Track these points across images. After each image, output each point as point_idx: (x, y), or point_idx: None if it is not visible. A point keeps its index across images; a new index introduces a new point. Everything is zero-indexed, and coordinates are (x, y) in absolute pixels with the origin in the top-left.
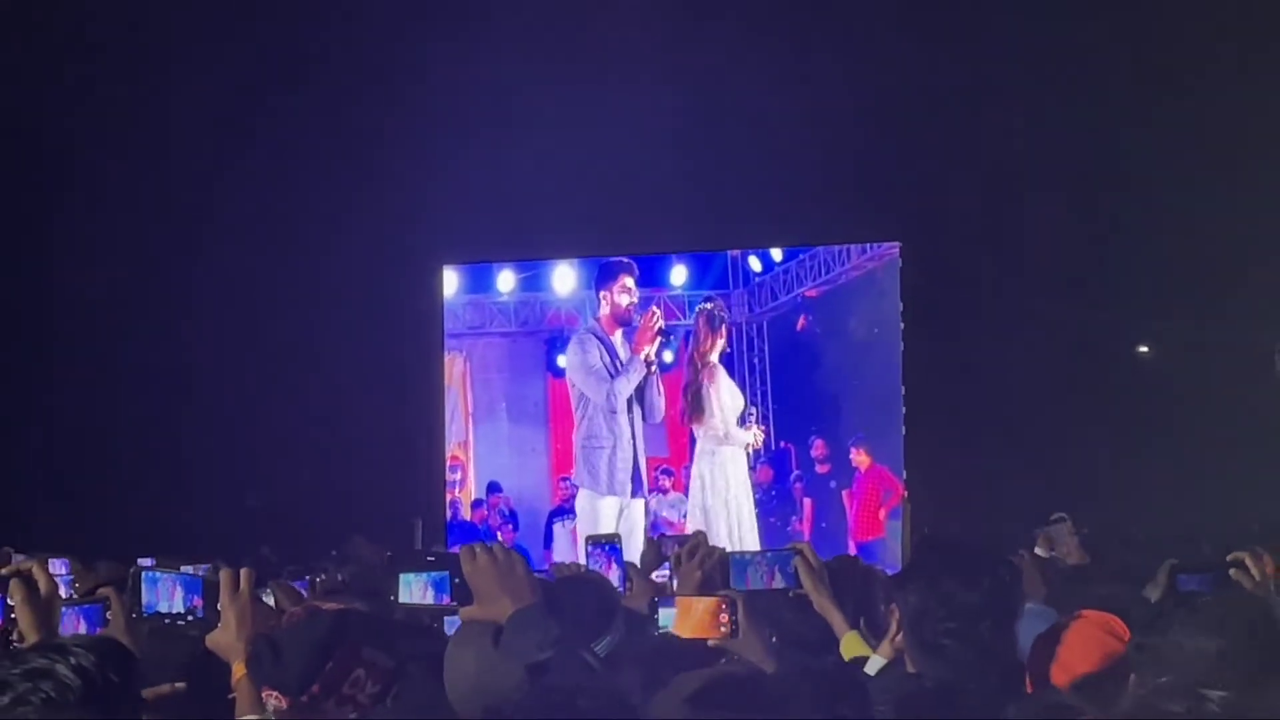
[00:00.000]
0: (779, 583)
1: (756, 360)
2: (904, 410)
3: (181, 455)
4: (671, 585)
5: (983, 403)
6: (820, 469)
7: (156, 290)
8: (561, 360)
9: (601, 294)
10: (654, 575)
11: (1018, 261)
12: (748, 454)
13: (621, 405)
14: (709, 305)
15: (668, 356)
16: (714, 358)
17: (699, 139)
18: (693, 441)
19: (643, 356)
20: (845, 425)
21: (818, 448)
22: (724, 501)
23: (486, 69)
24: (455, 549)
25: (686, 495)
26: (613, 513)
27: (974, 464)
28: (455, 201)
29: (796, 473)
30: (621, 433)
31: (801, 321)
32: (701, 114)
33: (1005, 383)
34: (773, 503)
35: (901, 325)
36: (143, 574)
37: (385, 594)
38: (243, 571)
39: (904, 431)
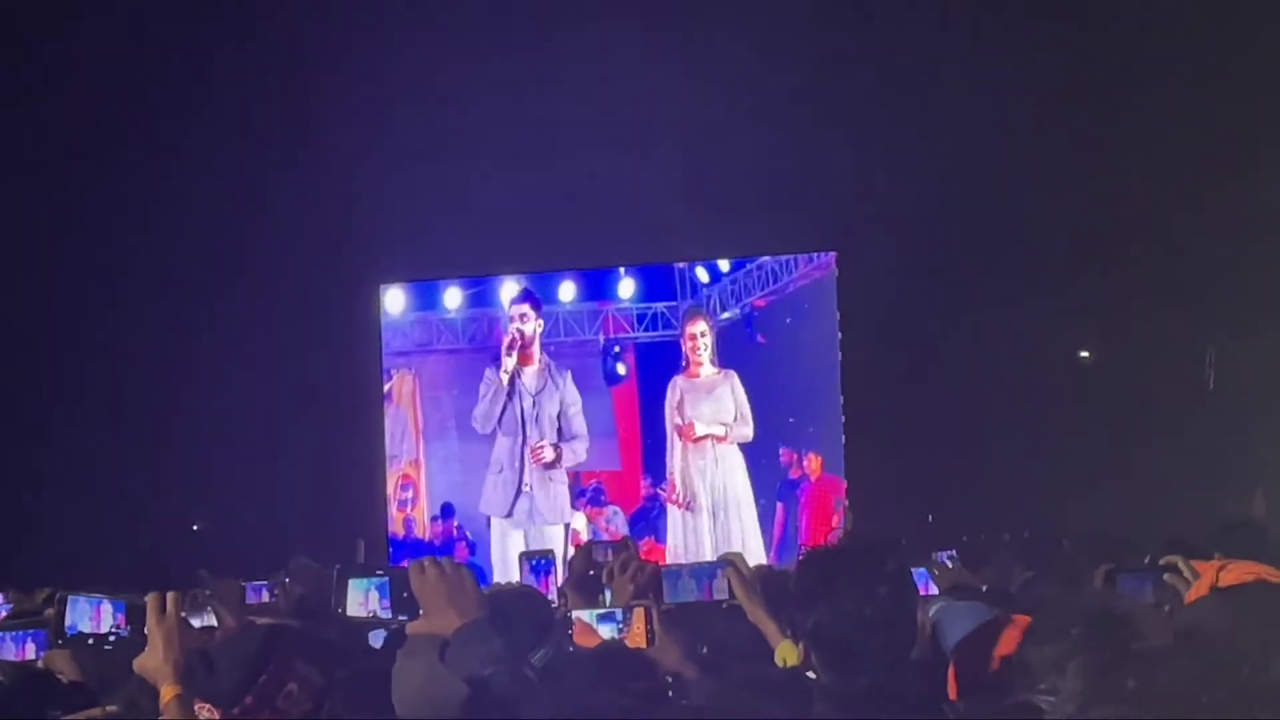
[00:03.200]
0: (715, 594)
1: None
2: (843, 419)
3: (122, 480)
4: (604, 598)
5: (922, 409)
6: (793, 474)
7: (92, 314)
8: (621, 368)
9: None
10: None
11: (953, 268)
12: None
13: (483, 429)
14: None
15: (621, 370)
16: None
17: (639, 151)
18: (648, 454)
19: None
20: (799, 432)
21: (784, 455)
22: (709, 507)
23: (426, 81)
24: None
25: (642, 509)
26: (505, 535)
27: (914, 471)
28: (392, 220)
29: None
30: (502, 455)
31: (761, 337)
32: (640, 126)
33: (943, 389)
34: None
35: (839, 335)
36: (67, 598)
37: (326, 613)
38: (169, 595)
39: (844, 440)
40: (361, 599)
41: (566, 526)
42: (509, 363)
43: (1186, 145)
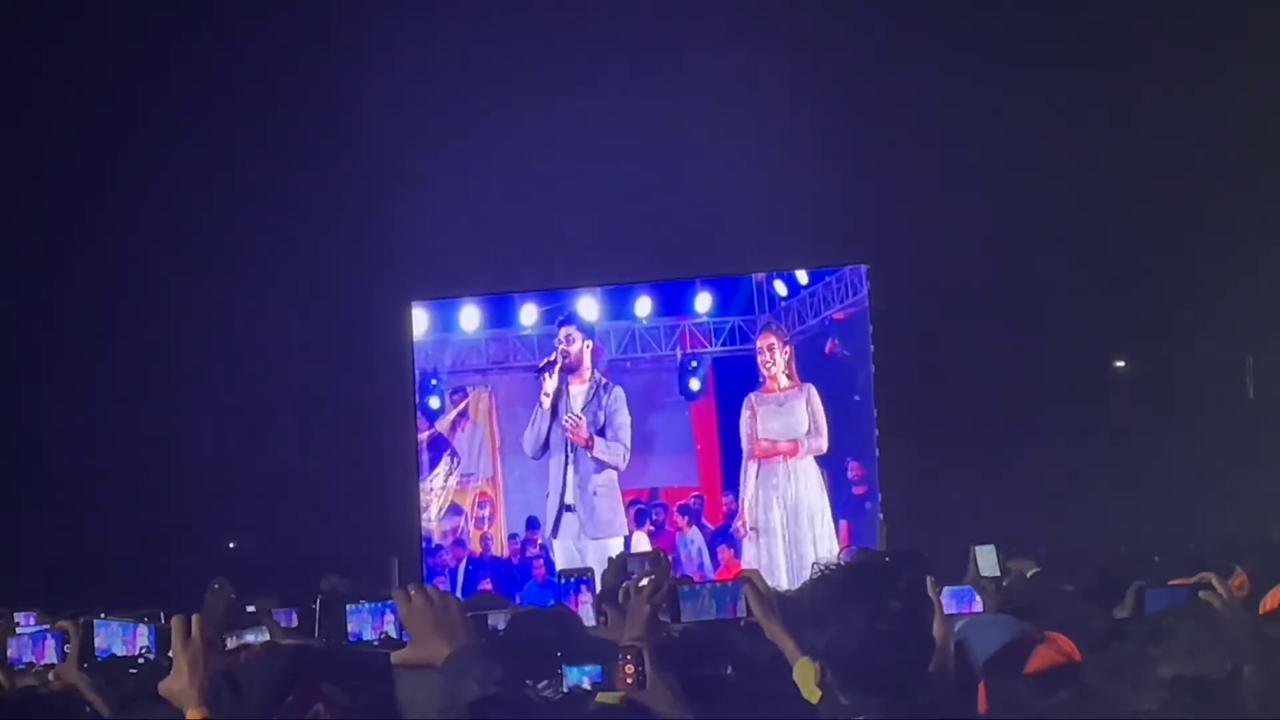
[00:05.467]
0: (735, 612)
1: None
2: (876, 432)
3: (158, 499)
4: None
5: (956, 421)
6: (857, 490)
7: (129, 336)
8: (694, 384)
9: None
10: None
11: (987, 282)
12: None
13: (531, 452)
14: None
15: (695, 385)
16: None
17: (672, 168)
18: (727, 470)
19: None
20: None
21: (853, 469)
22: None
23: (487, 91)
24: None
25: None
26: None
27: (949, 483)
28: (425, 238)
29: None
30: (553, 480)
31: (830, 344)
32: (673, 143)
33: (978, 400)
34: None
35: (871, 347)
36: (94, 622)
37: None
38: (194, 617)
39: (877, 454)
40: (375, 622)
41: (626, 540)
42: (550, 385)
43: (1222, 161)
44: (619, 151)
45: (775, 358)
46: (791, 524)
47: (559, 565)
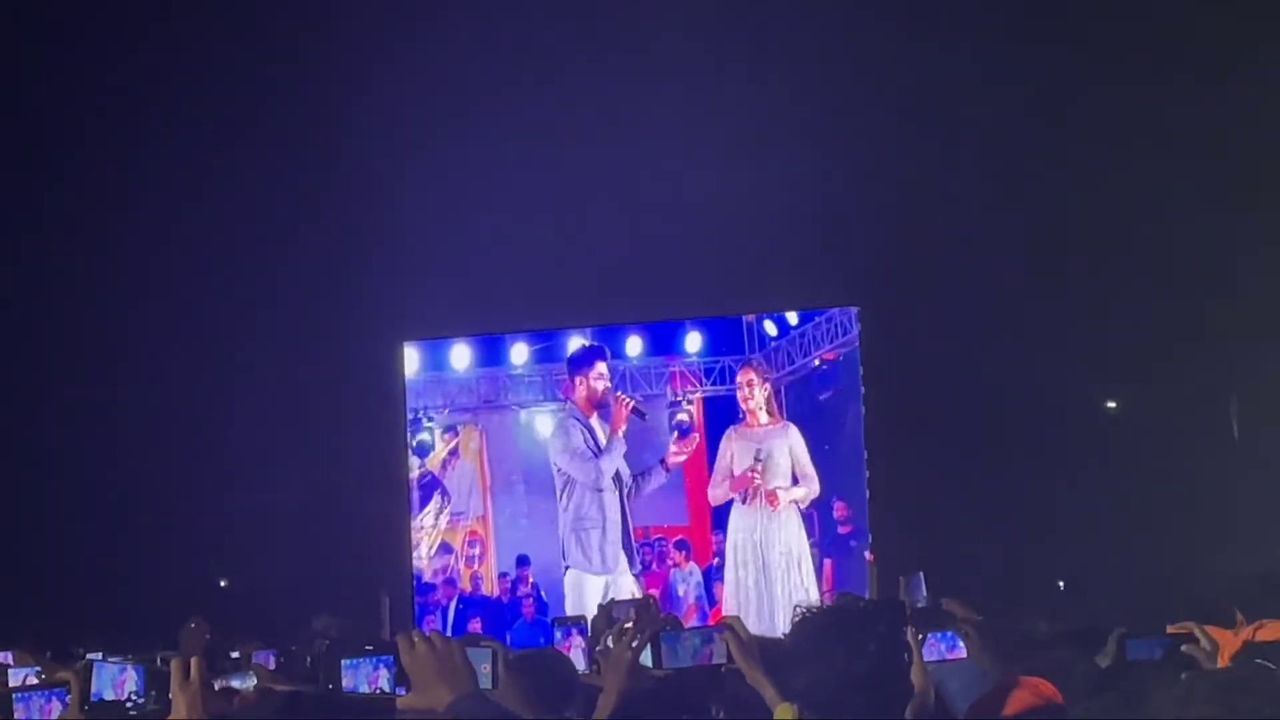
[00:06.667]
0: (715, 658)
1: None
2: (867, 474)
3: (151, 537)
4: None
5: (946, 462)
6: (842, 530)
7: (122, 374)
8: (686, 420)
9: (577, 379)
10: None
11: (976, 322)
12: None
13: (607, 484)
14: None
15: (683, 417)
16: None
17: (664, 210)
18: (718, 509)
19: (621, 435)
20: (861, 486)
21: (839, 509)
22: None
23: (478, 130)
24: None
25: (715, 565)
26: (598, 590)
27: (937, 525)
28: (417, 277)
29: (814, 539)
30: (609, 510)
31: (829, 394)
32: (668, 183)
33: (969, 442)
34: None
35: (861, 388)
36: (93, 664)
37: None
38: (192, 660)
39: (867, 495)
40: (370, 676)
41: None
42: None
43: (1221, 196)
44: (610, 193)
45: (754, 393)
46: (769, 566)
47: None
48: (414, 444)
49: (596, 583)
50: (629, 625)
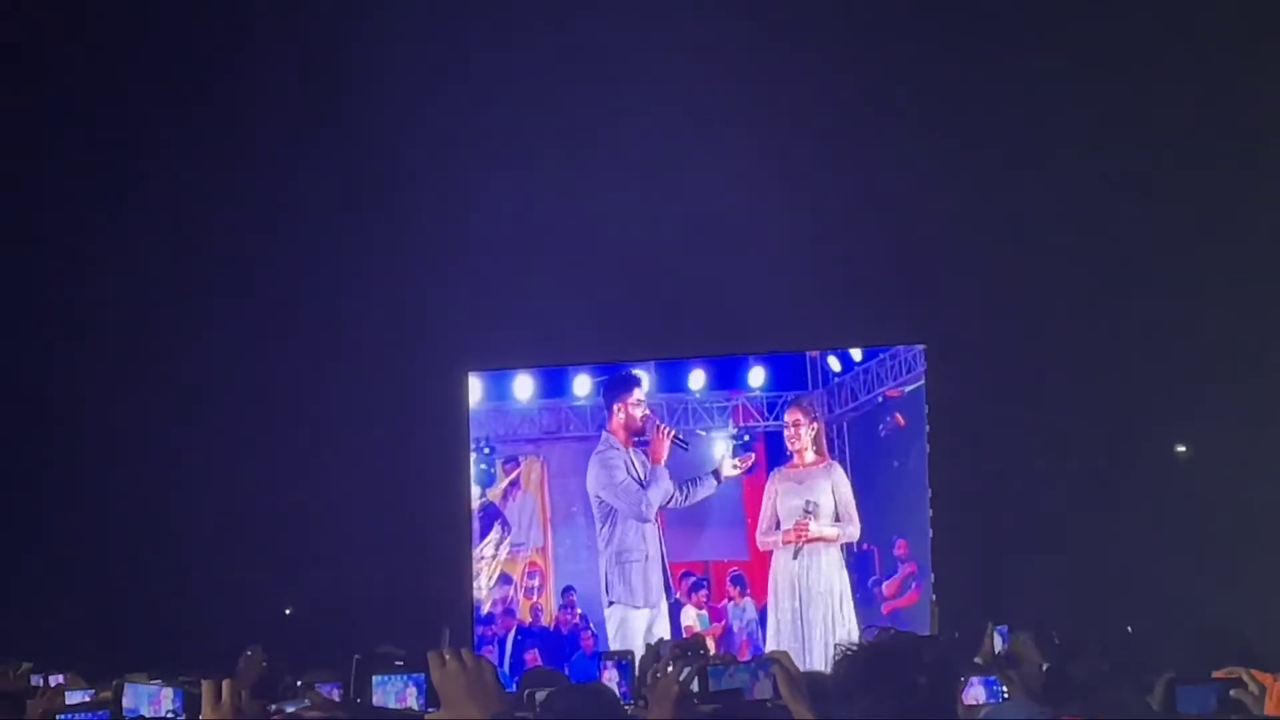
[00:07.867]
0: (758, 694)
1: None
2: (930, 513)
3: (210, 563)
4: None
5: (1010, 504)
6: (905, 568)
7: (193, 405)
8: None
9: (615, 406)
10: None
11: (1042, 361)
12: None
13: (652, 515)
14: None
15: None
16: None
17: (730, 244)
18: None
19: (663, 464)
20: (923, 524)
21: (900, 547)
22: (795, 608)
23: (538, 166)
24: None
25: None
26: (642, 625)
27: (1002, 564)
28: (482, 309)
29: (875, 576)
30: (651, 543)
31: (898, 420)
32: (735, 217)
33: (1032, 484)
34: (856, 606)
35: (927, 427)
36: (124, 685)
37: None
38: (225, 682)
39: (930, 535)
40: (399, 693)
41: (674, 609)
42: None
43: None
44: (675, 227)
45: (801, 434)
46: (809, 605)
47: (616, 635)
48: (476, 474)
49: (640, 617)
50: (673, 660)
